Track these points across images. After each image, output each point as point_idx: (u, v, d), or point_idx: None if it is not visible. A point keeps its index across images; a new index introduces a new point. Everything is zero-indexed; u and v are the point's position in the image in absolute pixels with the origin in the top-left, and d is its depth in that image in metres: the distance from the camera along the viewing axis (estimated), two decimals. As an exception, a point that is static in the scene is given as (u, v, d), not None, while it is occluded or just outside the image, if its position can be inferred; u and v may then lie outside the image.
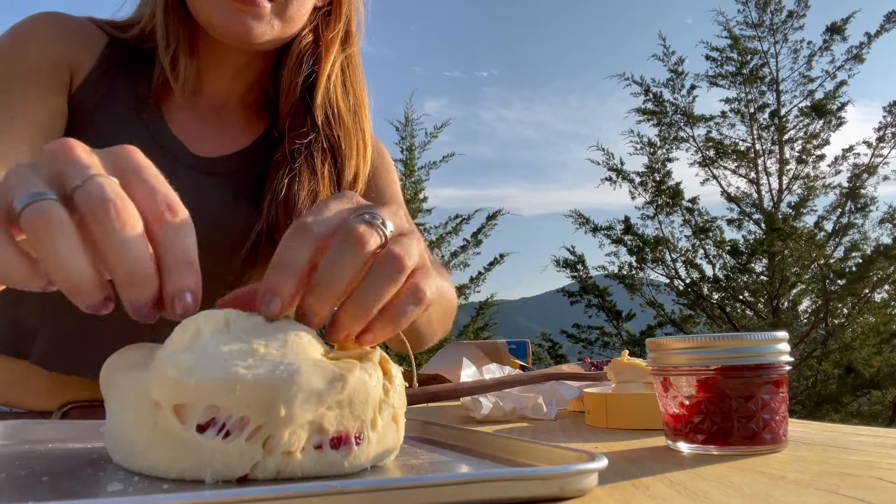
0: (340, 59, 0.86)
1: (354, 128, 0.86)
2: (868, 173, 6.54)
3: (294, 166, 0.82)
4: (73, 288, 0.35)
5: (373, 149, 0.91)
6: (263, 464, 0.35)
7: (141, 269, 0.36)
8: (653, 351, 0.50)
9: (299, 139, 0.83)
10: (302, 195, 0.80)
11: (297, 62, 0.82)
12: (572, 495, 0.33)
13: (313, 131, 0.83)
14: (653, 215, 6.91)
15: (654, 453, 0.48)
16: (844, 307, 6.41)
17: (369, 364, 0.39)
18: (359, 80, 0.89)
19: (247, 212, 0.81)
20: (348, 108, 0.86)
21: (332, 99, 0.85)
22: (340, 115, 0.85)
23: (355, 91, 0.88)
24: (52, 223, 0.34)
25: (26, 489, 0.34)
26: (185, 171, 0.80)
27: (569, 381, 0.82)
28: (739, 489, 0.35)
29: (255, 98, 0.88)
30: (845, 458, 0.43)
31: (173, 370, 0.34)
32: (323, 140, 0.84)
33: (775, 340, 0.46)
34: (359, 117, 0.87)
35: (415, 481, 0.30)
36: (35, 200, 0.34)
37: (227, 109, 0.86)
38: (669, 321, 6.79)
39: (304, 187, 0.81)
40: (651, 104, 6.96)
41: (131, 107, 0.79)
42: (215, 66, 0.82)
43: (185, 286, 0.37)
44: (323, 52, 0.83)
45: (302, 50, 0.82)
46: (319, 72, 0.83)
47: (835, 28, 6.71)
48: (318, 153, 0.83)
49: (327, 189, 0.84)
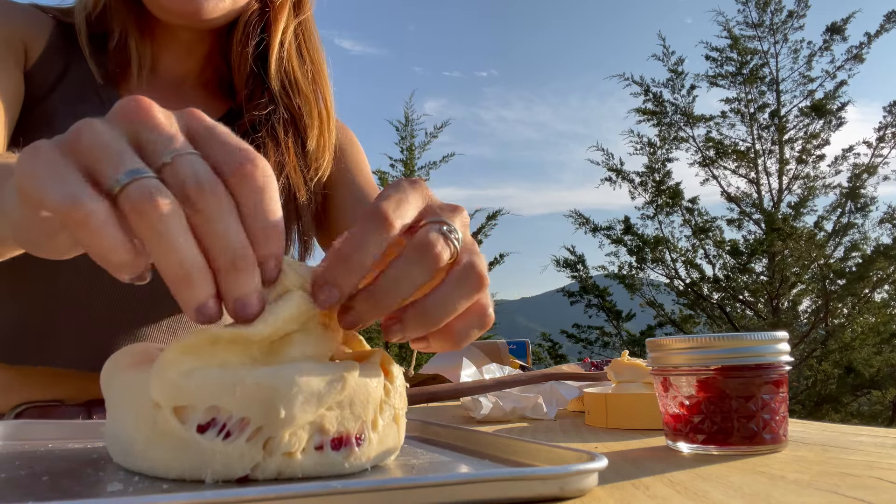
0: (293, 25, 0.84)
1: (314, 96, 0.85)
2: (868, 173, 6.55)
3: (256, 137, 0.80)
4: (186, 280, 0.32)
5: (338, 130, 0.89)
6: (264, 465, 0.35)
7: (246, 254, 0.33)
8: (653, 351, 0.50)
9: (258, 110, 0.81)
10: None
11: (244, 31, 0.81)
12: (572, 495, 0.33)
13: (272, 103, 0.82)
14: (653, 215, 6.92)
15: (654, 453, 0.48)
16: (844, 307, 6.41)
17: (370, 365, 0.39)
18: (316, 48, 0.87)
19: None
20: (305, 76, 0.85)
21: (287, 67, 0.83)
22: (298, 83, 0.84)
23: (312, 58, 0.86)
24: (164, 207, 0.31)
25: (26, 489, 0.34)
26: None
27: (569, 381, 0.82)
28: (739, 489, 0.35)
29: (212, 76, 0.86)
30: (845, 458, 0.43)
31: (174, 372, 0.34)
32: (283, 110, 0.82)
33: (775, 340, 0.46)
34: (318, 85, 0.86)
35: (415, 481, 0.30)
36: (137, 178, 0.31)
37: (186, 89, 0.84)
38: (669, 321, 6.80)
39: (269, 159, 0.79)
40: (651, 104, 6.97)
41: (88, 88, 0.78)
42: (168, 46, 0.81)
43: (270, 253, 0.34)
44: (272, 18, 0.82)
45: (248, 19, 0.81)
46: (271, 38, 0.81)
47: (835, 28, 6.72)
48: (279, 124, 0.82)
49: (293, 160, 0.82)
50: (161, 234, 0.31)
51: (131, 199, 0.31)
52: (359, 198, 0.91)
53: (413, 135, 6.73)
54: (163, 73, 0.83)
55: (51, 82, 0.76)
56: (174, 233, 0.31)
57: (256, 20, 0.81)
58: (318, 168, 0.85)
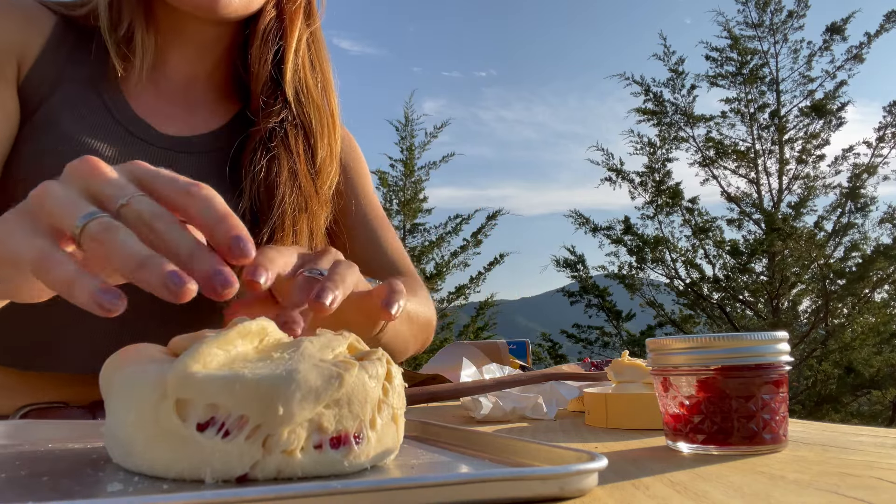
0: (306, 34, 0.85)
1: (323, 105, 0.86)
2: (868, 173, 6.55)
3: (271, 146, 0.80)
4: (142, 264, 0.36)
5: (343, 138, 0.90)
6: (263, 463, 0.35)
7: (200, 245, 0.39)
8: (653, 351, 0.50)
9: (273, 117, 0.81)
10: (283, 175, 0.79)
11: (263, 38, 0.81)
12: (572, 495, 0.33)
13: (285, 109, 0.82)
14: (653, 215, 6.92)
15: (654, 453, 0.48)
16: (844, 307, 6.41)
17: (368, 364, 0.39)
18: (325, 58, 0.88)
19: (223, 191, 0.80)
20: (316, 86, 0.85)
21: (301, 75, 0.84)
22: (310, 92, 0.84)
23: (322, 68, 0.87)
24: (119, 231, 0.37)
25: (26, 489, 0.34)
26: (156, 152, 0.78)
27: (569, 381, 0.82)
28: (739, 489, 0.35)
29: (223, 79, 0.86)
30: (845, 458, 0.43)
31: (193, 362, 0.35)
32: (295, 118, 0.83)
33: (775, 340, 0.46)
34: (327, 94, 0.87)
35: (415, 481, 0.30)
36: (94, 217, 0.38)
37: (195, 90, 0.84)
38: (669, 321, 6.80)
39: (283, 167, 0.80)
40: (651, 104, 6.96)
41: (90, 87, 0.77)
42: (177, 42, 0.80)
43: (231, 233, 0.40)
44: (288, 26, 0.82)
45: (267, 25, 0.81)
46: (286, 47, 0.82)
47: (835, 28, 6.72)
48: (292, 131, 0.82)
49: (304, 167, 0.82)
50: (119, 246, 0.37)
51: (91, 234, 0.37)
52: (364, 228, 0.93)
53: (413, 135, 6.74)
54: (170, 72, 0.82)
55: (51, 83, 0.75)
56: (130, 243, 0.37)
57: (275, 28, 0.82)
58: (326, 176, 0.86)
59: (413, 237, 6.58)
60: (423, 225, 6.66)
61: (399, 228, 6.54)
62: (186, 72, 0.83)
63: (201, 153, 0.81)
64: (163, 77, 0.82)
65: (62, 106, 0.75)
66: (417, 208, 6.61)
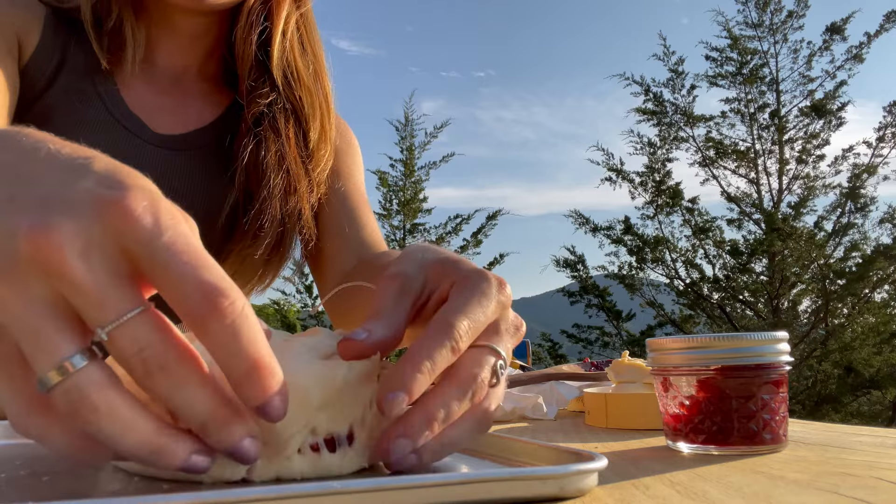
0: (295, 16, 0.84)
1: (315, 88, 0.84)
2: (868, 173, 6.55)
3: (258, 130, 0.80)
4: (156, 451, 0.29)
5: (337, 129, 0.89)
6: (261, 467, 0.34)
7: (215, 414, 0.29)
8: (653, 351, 0.50)
9: (261, 99, 0.80)
10: (269, 158, 0.78)
11: (247, 19, 0.80)
12: (572, 495, 0.33)
13: (273, 92, 0.81)
14: (653, 215, 6.92)
15: (654, 453, 0.48)
16: (844, 307, 6.41)
17: (360, 364, 0.39)
18: (316, 41, 0.87)
19: (218, 185, 0.79)
20: (307, 68, 0.84)
21: (289, 57, 0.83)
22: (299, 73, 0.83)
23: (314, 51, 0.86)
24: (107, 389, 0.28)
25: (27, 489, 0.34)
26: (150, 149, 0.78)
27: (569, 381, 0.82)
28: (739, 489, 0.35)
29: (215, 70, 0.86)
30: (845, 458, 0.43)
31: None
32: (284, 101, 0.82)
33: (775, 340, 0.46)
34: (319, 78, 0.85)
35: (414, 481, 0.30)
36: (69, 376, 0.27)
37: (187, 82, 0.83)
38: (669, 321, 6.80)
39: (270, 150, 0.79)
40: (651, 104, 6.97)
41: (86, 81, 0.77)
42: (167, 34, 0.80)
43: (259, 398, 0.30)
44: (274, 5, 0.81)
45: (253, 7, 0.80)
46: (273, 27, 0.81)
47: (835, 28, 6.72)
48: (280, 114, 0.81)
49: (294, 150, 0.81)
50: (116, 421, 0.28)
51: (65, 401, 0.28)
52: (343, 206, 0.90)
53: (413, 135, 6.74)
54: (162, 64, 0.82)
55: (48, 76, 0.75)
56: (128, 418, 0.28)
57: (260, 8, 0.81)
58: (319, 159, 0.85)
59: (413, 237, 6.58)
60: (424, 225, 6.66)
61: (399, 228, 6.54)
62: (178, 64, 0.82)
63: (195, 149, 0.81)
64: (155, 69, 0.81)
65: (58, 100, 0.75)
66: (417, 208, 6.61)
